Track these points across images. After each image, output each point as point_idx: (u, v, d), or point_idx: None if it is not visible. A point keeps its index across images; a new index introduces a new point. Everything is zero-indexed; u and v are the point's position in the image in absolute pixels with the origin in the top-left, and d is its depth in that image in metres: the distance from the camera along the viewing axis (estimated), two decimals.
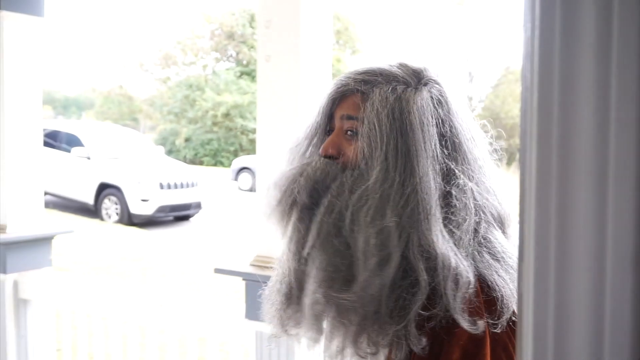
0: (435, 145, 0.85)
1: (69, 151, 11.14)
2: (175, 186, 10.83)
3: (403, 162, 0.83)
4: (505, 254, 0.86)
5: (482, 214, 0.87)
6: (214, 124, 20.44)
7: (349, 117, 0.90)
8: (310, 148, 0.96)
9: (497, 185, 0.92)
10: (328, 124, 0.94)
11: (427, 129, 0.85)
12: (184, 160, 18.13)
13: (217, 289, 6.62)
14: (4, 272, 2.87)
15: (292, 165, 0.95)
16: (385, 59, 0.95)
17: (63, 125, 12.71)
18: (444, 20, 21.72)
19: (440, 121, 0.88)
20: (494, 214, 0.89)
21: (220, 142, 20.36)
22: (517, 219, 0.50)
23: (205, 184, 12.27)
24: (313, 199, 0.88)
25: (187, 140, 20.90)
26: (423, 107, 0.86)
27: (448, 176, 0.86)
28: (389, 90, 0.87)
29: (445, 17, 21.71)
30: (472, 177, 0.88)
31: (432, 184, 0.83)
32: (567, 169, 0.44)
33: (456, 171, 0.86)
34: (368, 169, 0.85)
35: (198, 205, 11.32)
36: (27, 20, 2.90)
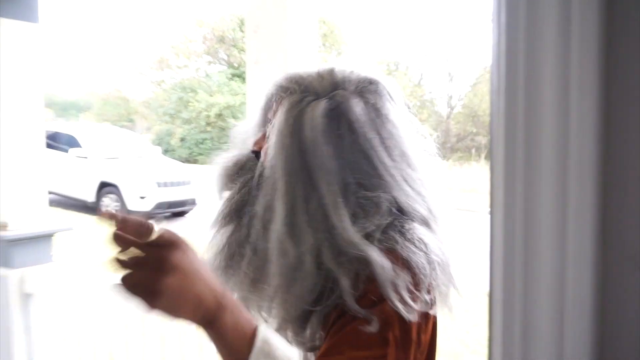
0: (339, 159, 0.82)
1: (67, 151, 11.05)
2: (172, 184, 10.78)
3: (304, 177, 0.82)
4: (428, 245, 0.81)
5: (401, 216, 0.84)
6: (208, 124, 20.34)
7: (269, 121, 0.90)
8: (256, 134, 0.98)
9: (422, 186, 0.88)
10: (263, 121, 0.96)
11: (328, 142, 0.82)
12: (179, 159, 17.99)
13: None
14: (9, 267, 2.86)
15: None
16: (320, 65, 0.93)
17: (63, 127, 12.58)
18: (428, 21, 21.75)
19: (347, 132, 0.83)
20: (418, 214, 0.85)
21: (214, 141, 20.23)
22: (488, 209, 0.51)
23: (200, 181, 12.22)
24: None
25: (182, 140, 20.78)
26: (324, 118, 0.82)
27: (358, 188, 0.82)
28: (297, 101, 0.85)
29: (429, 18, 21.75)
30: (385, 186, 0.84)
31: (334, 199, 0.80)
32: (531, 164, 0.45)
33: (366, 183, 0.83)
34: (272, 178, 0.84)
35: (193, 202, 11.27)
36: (22, 27, 2.88)
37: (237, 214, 0.90)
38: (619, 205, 0.45)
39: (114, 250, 0.70)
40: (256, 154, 0.93)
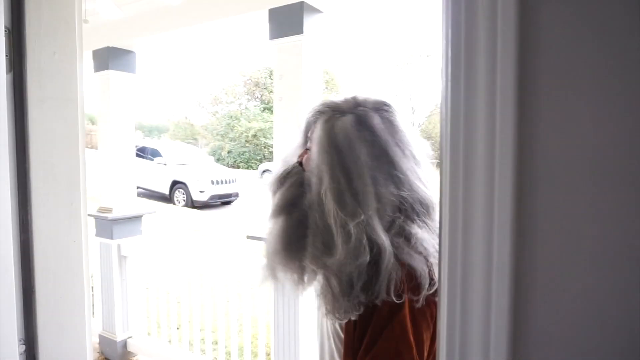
0: (367, 157, 0.73)
1: (152, 160, 11.11)
2: (222, 182, 10.81)
3: (343, 171, 0.73)
4: (427, 249, 0.72)
5: (400, 208, 0.74)
6: (247, 141, 20.35)
7: (310, 139, 0.83)
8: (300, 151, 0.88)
9: (422, 181, 0.77)
10: (307, 142, 0.86)
11: (359, 144, 0.74)
12: (227, 165, 18.06)
13: (249, 249, 6.60)
14: (112, 238, 2.87)
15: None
16: (348, 93, 0.86)
17: (148, 143, 12.64)
18: (396, 71, 21.66)
19: (370, 137, 0.75)
20: (415, 203, 0.75)
21: (251, 153, 20.25)
22: (438, 203, 0.50)
23: (241, 180, 12.24)
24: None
25: (229, 152, 20.77)
26: (352, 127, 0.76)
27: (376, 181, 0.73)
28: (329, 117, 0.78)
29: (398, 68, 21.66)
30: (397, 181, 0.75)
31: (370, 188, 0.72)
32: (468, 169, 0.45)
33: (380, 178, 0.73)
34: (317, 174, 0.76)
35: (237, 195, 11.29)
36: (125, 76, 2.89)
37: (289, 207, 0.80)
38: (531, 199, 0.45)
39: None
40: (300, 163, 0.84)
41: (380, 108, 0.81)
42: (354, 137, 0.75)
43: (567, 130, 0.44)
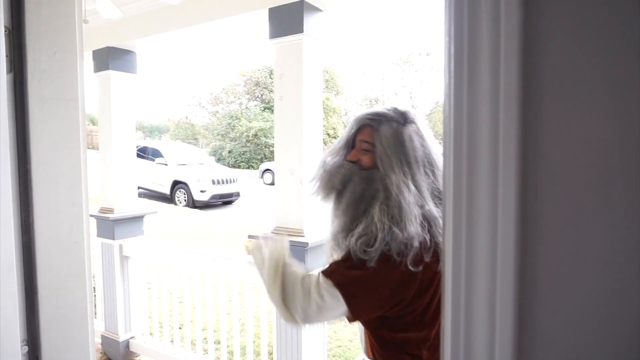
0: (419, 159, 0.96)
1: (153, 160, 11.11)
2: (223, 182, 10.79)
3: (407, 169, 0.95)
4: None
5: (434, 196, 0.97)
6: (247, 141, 20.33)
7: (365, 141, 1.01)
8: (341, 152, 1.06)
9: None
10: (352, 142, 1.05)
11: (416, 150, 0.97)
12: (228, 165, 18.06)
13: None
14: (114, 238, 2.87)
15: (332, 164, 1.05)
16: (381, 105, 1.07)
17: (149, 143, 12.63)
18: (397, 69, 21.61)
19: (419, 144, 0.98)
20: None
21: (252, 153, 20.24)
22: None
23: (242, 180, 12.22)
24: (343, 185, 1.01)
25: (229, 152, 20.75)
26: (410, 136, 0.98)
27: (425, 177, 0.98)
28: (389, 127, 0.99)
29: (398, 67, 21.61)
30: (432, 176, 0.98)
31: (421, 183, 0.95)
32: (472, 168, 0.45)
33: (426, 174, 0.97)
34: (384, 171, 0.96)
35: (237, 194, 11.28)
36: (125, 76, 2.89)
37: (361, 199, 0.97)
38: (535, 198, 0.45)
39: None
40: (353, 162, 1.02)
41: (415, 116, 1.04)
42: (414, 142, 0.98)
43: (571, 129, 0.43)
